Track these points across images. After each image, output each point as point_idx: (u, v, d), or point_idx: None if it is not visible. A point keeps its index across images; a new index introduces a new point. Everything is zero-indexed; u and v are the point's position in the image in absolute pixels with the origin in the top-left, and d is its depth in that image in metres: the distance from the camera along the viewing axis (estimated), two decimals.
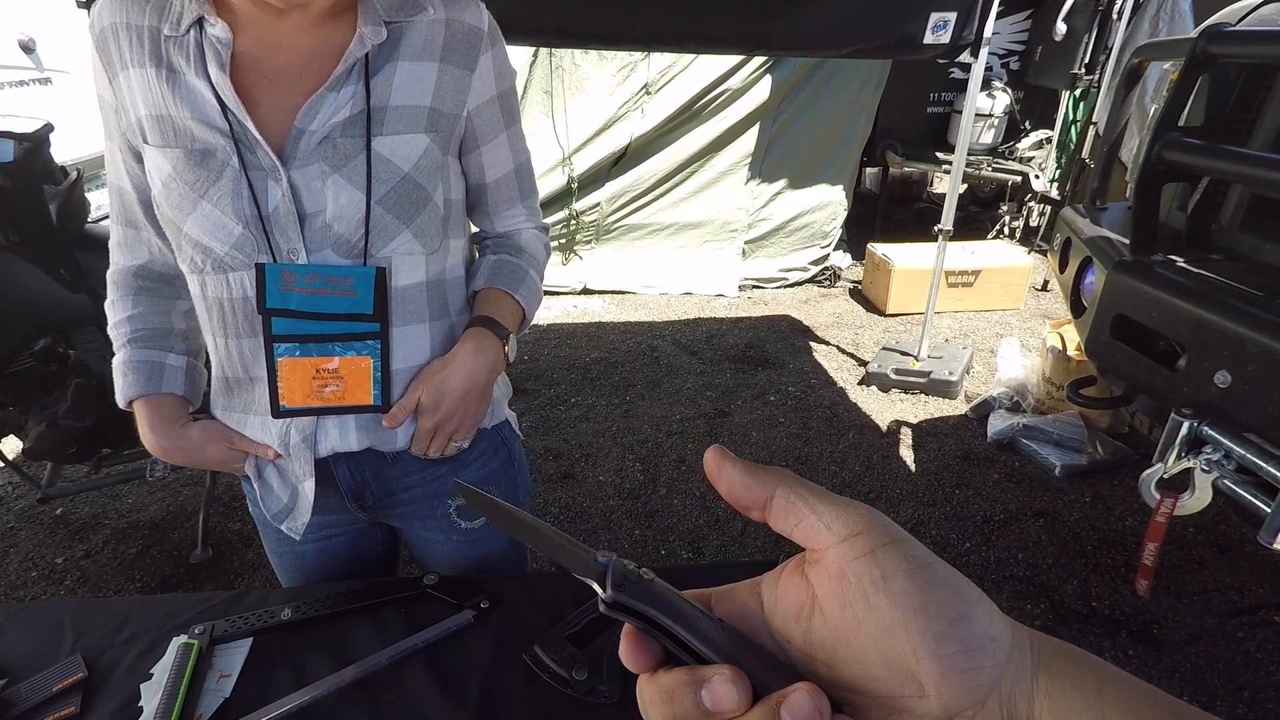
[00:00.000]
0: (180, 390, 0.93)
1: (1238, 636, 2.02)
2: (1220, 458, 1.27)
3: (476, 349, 0.91)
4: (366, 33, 0.81)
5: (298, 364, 0.85)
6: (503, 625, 0.92)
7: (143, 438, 0.90)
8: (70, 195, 1.95)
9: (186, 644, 0.85)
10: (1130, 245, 1.51)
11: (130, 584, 2.21)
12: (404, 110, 0.83)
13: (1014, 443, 2.94)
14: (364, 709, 0.81)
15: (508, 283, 0.97)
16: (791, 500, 0.29)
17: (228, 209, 0.80)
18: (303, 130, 0.80)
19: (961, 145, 3.21)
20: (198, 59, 0.79)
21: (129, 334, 0.92)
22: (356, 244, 0.83)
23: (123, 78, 0.80)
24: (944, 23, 2.77)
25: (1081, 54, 4.65)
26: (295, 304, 0.83)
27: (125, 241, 0.93)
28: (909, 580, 0.25)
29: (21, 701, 0.80)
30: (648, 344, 3.94)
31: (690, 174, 4.50)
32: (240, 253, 0.81)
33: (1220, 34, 1.31)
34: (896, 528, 0.28)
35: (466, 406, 0.92)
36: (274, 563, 1.10)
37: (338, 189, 0.81)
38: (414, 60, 0.84)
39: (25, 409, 2.05)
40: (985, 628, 0.25)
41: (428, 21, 0.85)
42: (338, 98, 0.80)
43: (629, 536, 2.46)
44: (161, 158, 0.80)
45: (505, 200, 1.01)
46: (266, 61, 0.81)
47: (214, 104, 0.78)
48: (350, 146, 0.81)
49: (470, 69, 0.87)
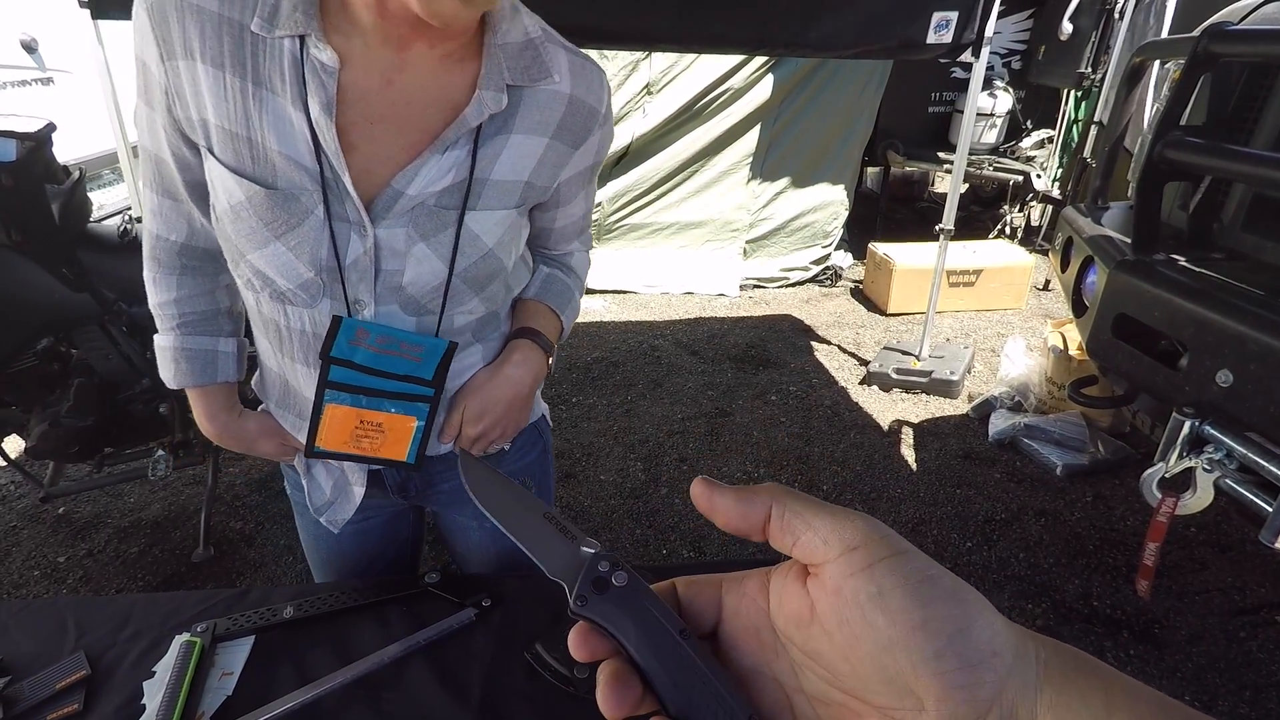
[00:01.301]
0: (233, 377, 0.94)
1: (1239, 636, 2.02)
2: (1222, 457, 1.27)
3: (522, 360, 0.92)
4: (487, 98, 0.74)
5: (345, 412, 0.84)
6: (504, 623, 0.92)
7: (198, 422, 0.93)
8: (72, 195, 1.96)
9: (189, 642, 0.85)
10: (1132, 244, 1.51)
11: (132, 583, 2.21)
12: (502, 185, 0.79)
13: (1015, 442, 2.94)
14: (366, 707, 0.81)
15: (556, 301, 0.99)
16: (786, 517, 0.28)
17: (303, 255, 0.75)
18: (400, 192, 0.75)
19: (963, 145, 3.20)
20: (294, 83, 0.70)
21: (177, 318, 0.90)
22: (425, 306, 0.82)
23: (185, 67, 0.70)
24: (946, 22, 2.77)
25: (1088, 53, 4.65)
26: (359, 359, 0.81)
27: (161, 211, 0.84)
28: (907, 596, 0.25)
29: (25, 699, 0.80)
30: (649, 343, 3.94)
31: (692, 173, 4.50)
32: (304, 293, 0.78)
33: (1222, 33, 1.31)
34: (897, 538, 0.27)
35: (510, 416, 0.93)
36: (307, 545, 1.11)
37: (421, 257, 0.78)
38: (526, 134, 0.78)
39: (28, 408, 2.05)
40: (987, 642, 0.25)
41: (550, 92, 0.79)
42: (441, 162, 0.75)
43: (630, 536, 2.46)
44: (234, 184, 0.73)
45: (566, 239, 1.01)
46: (372, 100, 0.73)
47: (308, 142, 0.71)
48: (443, 218, 0.77)
49: (576, 147, 0.84)
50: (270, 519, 2.48)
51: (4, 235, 1.85)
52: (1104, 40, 4.64)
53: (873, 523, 0.28)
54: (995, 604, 0.26)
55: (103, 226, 2.07)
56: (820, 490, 2.70)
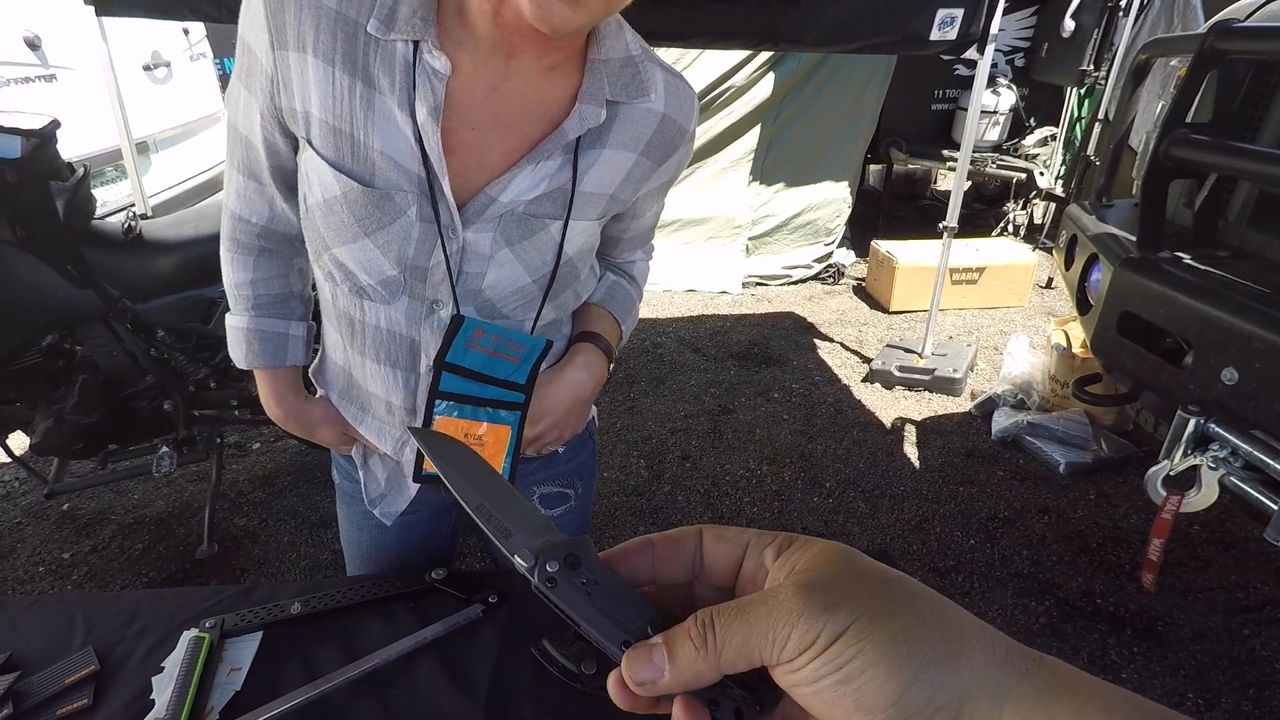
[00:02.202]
0: (301, 361, 0.95)
1: (1243, 634, 2.02)
2: (1227, 455, 1.27)
3: (585, 364, 0.93)
4: (587, 112, 0.75)
5: (453, 424, 0.83)
6: (511, 619, 0.93)
7: (264, 402, 0.94)
8: (77, 191, 1.96)
9: (197, 637, 0.86)
10: (1137, 242, 1.51)
11: (136, 579, 2.22)
12: (590, 197, 0.80)
13: (1018, 440, 2.94)
14: (373, 702, 0.82)
15: (619, 309, 0.99)
16: (729, 648, 0.28)
17: (391, 254, 0.76)
18: (493, 199, 0.76)
19: (967, 142, 3.20)
20: (404, 84, 0.71)
21: (251, 299, 0.91)
22: (499, 310, 0.83)
23: (295, 59, 0.70)
24: (951, 19, 2.76)
25: (1090, 50, 4.64)
26: (470, 363, 0.81)
27: (245, 192, 0.85)
28: (850, 692, 0.26)
29: (35, 694, 0.80)
30: (651, 341, 3.94)
31: (694, 170, 4.50)
32: (385, 289, 0.79)
33: (1229, 30, 1.31)
34: (827, 613, 0.27)
35: (569, 419, 0.93)
36: (349, 536, 1.10)
37: (504, 262, 0.79)
38: (617, 149, 0.80)
39: (32, 405, 2.06)
40: (925, 700, 0.25)
41: (645, 110, 0.80)
42: (536, 171, 0.76)
43: (633, 533, 2.46)
44: (332, 178, 0.73)
45: (633, 247, 1.02)
46: (475, 106, 0.74)
47: (412, 144, 0.72)
48: (531, 226, 0.78)
49: (660, 163, 0.85)
50: (274, 516, 2.49)
51: (8, 232, 1.85)
52: (1106, 37, 4.63)
53: (805, 601, 0.27)
54: (998, 602, 0.26)
55: (107, 223, 2.07)
56: (823, 487, 2.70)
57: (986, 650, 0.26)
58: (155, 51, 3.65)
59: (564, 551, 0.32)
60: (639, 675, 0.29)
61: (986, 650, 0.26)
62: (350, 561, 1.13)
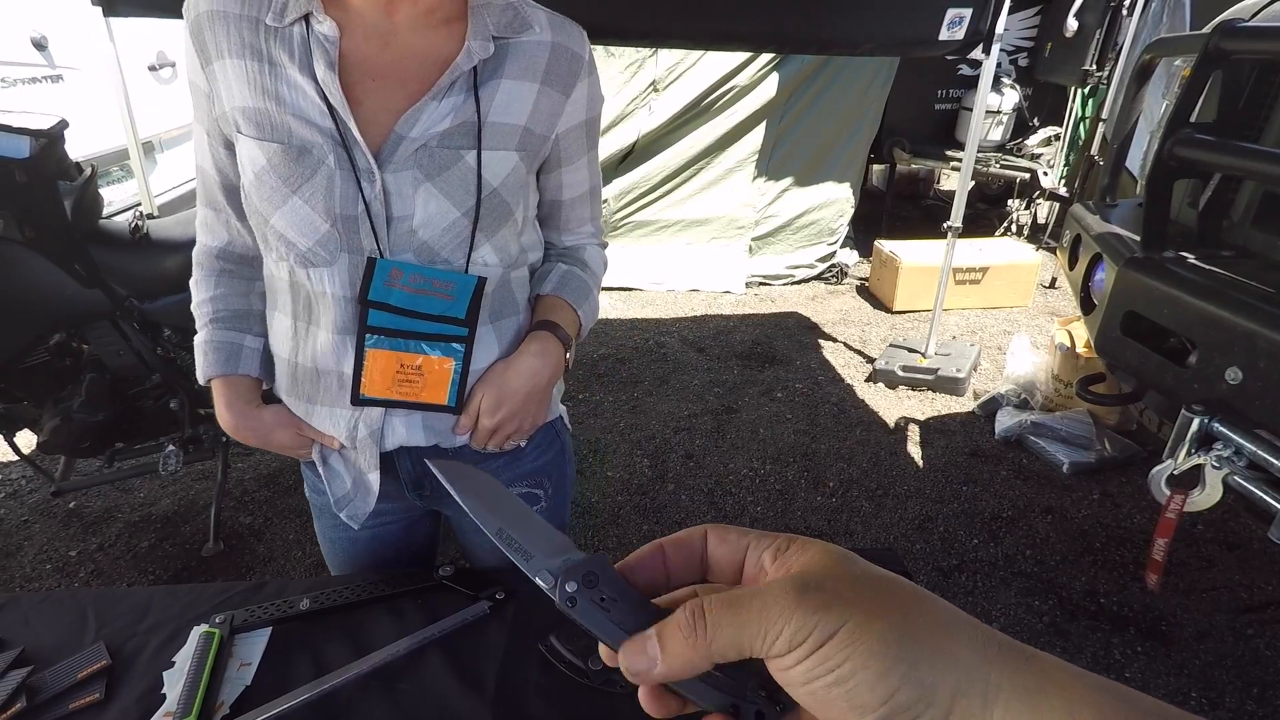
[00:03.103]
0: (255, 372, 0.96)
1: (1247, 634, 2.02)
2: (1231, 454, 1.27)
3: (540, 351, 0.94)
4: (475, 46, 0.82)
5: (385, 356, 0.87)
6: (518, 616, 0.93)
7: (218, 415, 0.95)
8: (84, 191, 1.97)
9: (208, 633, 0.86)
10: (1141, 242, 1.51)
11: (143, 577, 2.23)
12: (500, 127, 0.85)
13: (1022, 440, 2.94)
14: (382, 698, 0.82)
15: (573, 296, 1.00)
16: (721, 637, 0.29)
17: (318, 206, 0.81)
18: (403, 136, 0.81)
19: (971, 142, 3.19)
20: (303, 55, 0.79)
21: (210, 314, 0.95)
22: (437, 251, 0.85)
23: (218, 67, 0.80)
24: (959, 19, 2.76)
25: (1093, 50, 4.63)
26: (395, 300, 0.84)
27: (207, 222, 0.94)
28: (839, 693, 0.27)
29: (47, 688, 0.81)
30: (655, 340, 3.95)
31: (697, 170, 4.50)
32: (324, 249, 0.83)
33: (1233, 29, 1.31)
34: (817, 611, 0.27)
35: (527, 408, 0.94)
36: (325, 548, 1.12)
37: (429, 197, 0.82)
38: (516, 79, 0.85)
39: (39, 403, 2.07)
40: (917, 698, 0.26)
41: (534, 42, 0.86)
42: (439, 107, 0.81)
43: (637, 532, 2.47)
44: (257, 150, 0.80)
45: (577, 219, 1.03)
46: (372, 60, 0.82)
47: (317, 102, 0.79)
48: (446, 157, 0.82)
49: (567, 94, 0.89)
50: (279, 514, 2.50)
51: (17, 231, 1.86)
52: (1110, 37, 4.62)
53: (798, 598, 0.28)
54: (1002, 601, 0.27)
55: (114, 223, 2.08)
56: (827, 487, 2.71)
57: (978, 649, 0.27)
58: (160, 52, 3.66)
59: (582, 571, 0.33)
60: (633, 665, 0.30)
61: (978, 649, 0.27)
62: (333, 574, 1.14)
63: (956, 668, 0.26)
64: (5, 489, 2.62)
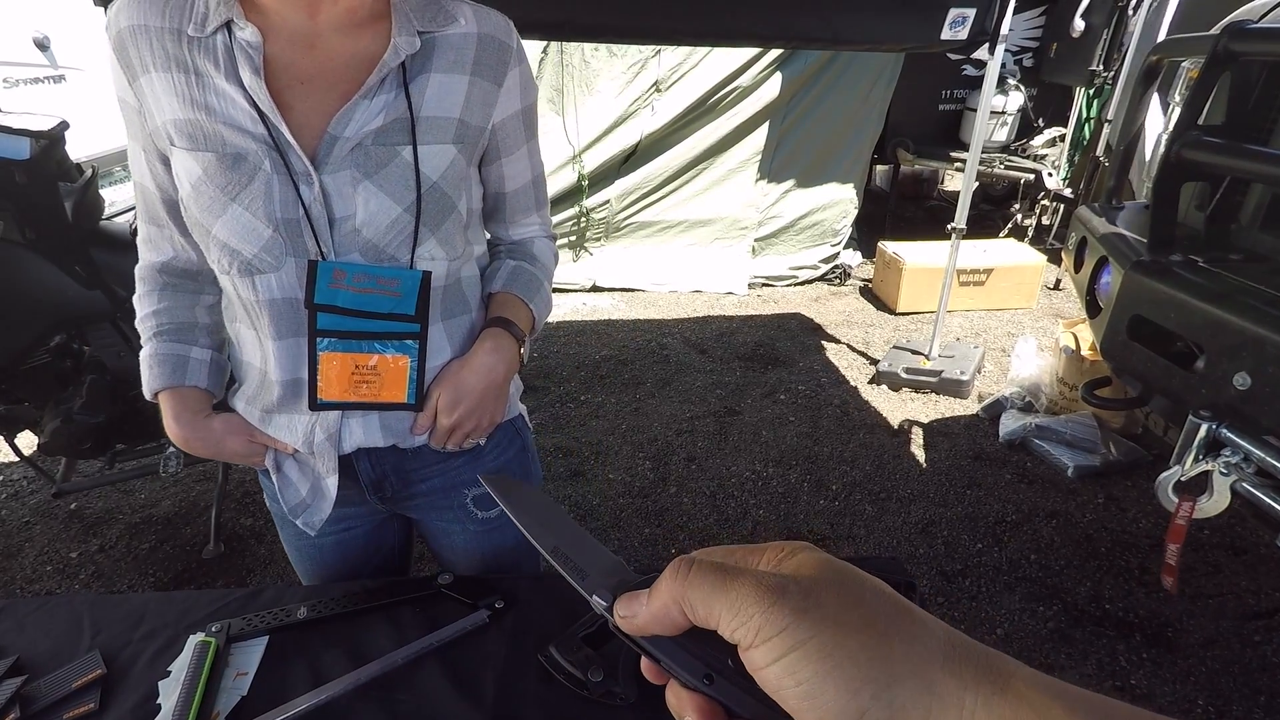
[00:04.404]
0: (203, 384, 0.95)
1: (1254, 640, 2.00)
2: (1239, 460, 1.26)
3: (494, 349, 0.94)
4: (401, 43, 0.82)
5: (338, 359, 0.87)
6: (517, 626, 0.92)
7: (166, 428, 0.93)
8: (85, 192, 1.97)
9: (204, 642, 0.85)
10: (1148, 245, 1.50)
11: (143, 579, 2.22)
12: (435, 121, 0.84)
13: (1026, 443, 2.93)
14: (380, 708, 0.81)
15: (524, 291, 1.00)
16: (698, 611, 0.30)
17: (259, 212, 0.80)
18: (336, 136, 0.80)
19: (976, 142, 3.18)
20: (227, 63, 0.78)
21: (155, 328, 0.94)
22: (384, 249, 0.85)
23: (144, 81, 0.80)
24: (962, 19, 2.75)
25: (1100, 50, 4.61)
26: (342, 301, 0.84)
27: (150, 238, 0.94)
28: (822, 684, 0.27)
29: (42, 698, 0.80)
30: (657, 342, 3.94)
31: (700, 171, 4.49)
32: (269, 255, 0.82)
33: (1242, 31, 1.29)
34: (803, 601, 0.28)
35: (484, 405, 0.94)
36: (292, 556, 1.11)
37: (368, 195, 0.82)
38: (446, 72, 0.85)
39: (40, 405, 2.07)
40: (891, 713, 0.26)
41: (460, 34, 0.86)
42: (371, 105, 0.81)
43: (639, 535, 2.46)
44: (192, 160, 0.80)
45: (522, 210, 1.03)
46: (299, 64, 0.81)
47: (247, 108, 0.78)
48: (382, 154, 0.82)
49: (498, 84, 0.89)
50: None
51: (18, 233, 1.86)
52: (1116, 38, 4.60)
53: (778, 595, 0.28)
54: (1006, 606, 0.26)
55: (114, 224, 2.08)
56: (829, 490, 2.69)
57: (953, 672, 0.27)
58: None
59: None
60: (625, 610, 0.33)
61: (953, 672, 0.27)
62: (303, 582, 1.13)
63: (929, 691, 0.26)
64: (6, 490, 2.62)
